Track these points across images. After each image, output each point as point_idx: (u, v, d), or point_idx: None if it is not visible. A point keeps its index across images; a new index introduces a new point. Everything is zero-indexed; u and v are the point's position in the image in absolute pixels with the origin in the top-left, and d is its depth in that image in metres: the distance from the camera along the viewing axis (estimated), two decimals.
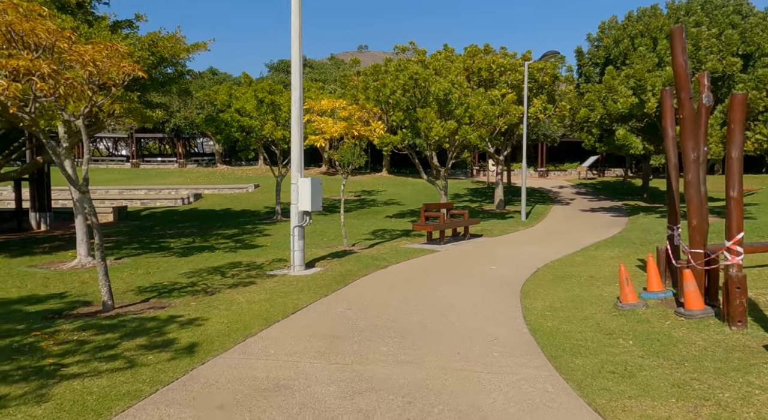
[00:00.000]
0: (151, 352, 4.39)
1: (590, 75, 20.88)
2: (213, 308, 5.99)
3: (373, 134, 11.10)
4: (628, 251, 10.38)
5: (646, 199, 24.78)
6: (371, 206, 22.22)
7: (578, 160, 44.23)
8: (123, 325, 5.22)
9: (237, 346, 4.62)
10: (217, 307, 6.05)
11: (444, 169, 15.35)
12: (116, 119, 7.72)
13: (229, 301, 6.36)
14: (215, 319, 5.50)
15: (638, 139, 14.63)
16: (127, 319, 5.46)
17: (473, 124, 14.27)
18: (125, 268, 8.97)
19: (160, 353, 4.36)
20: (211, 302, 6.31)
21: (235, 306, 6.14)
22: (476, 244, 12.33)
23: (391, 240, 12.95)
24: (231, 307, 6.09)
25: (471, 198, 25.26)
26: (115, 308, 5.98)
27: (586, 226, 15.58)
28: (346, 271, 8.66)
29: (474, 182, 33.74)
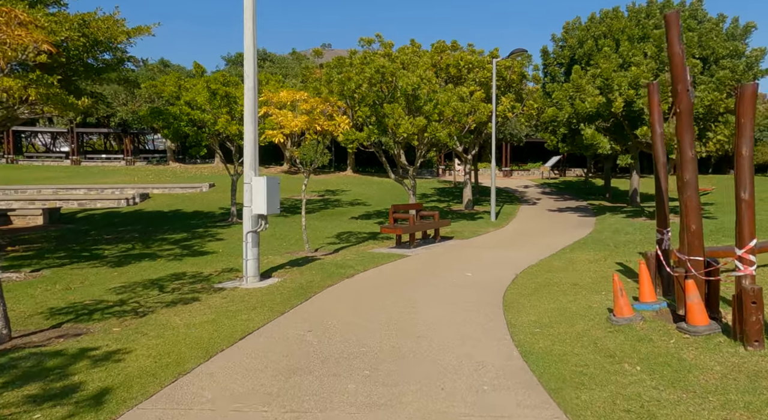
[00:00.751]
0: (40, 408, 3.33)
1: (555, 75, 20.63)
2: (141, 335, 4.98)
3: (337, 129, 10.22)
4: (604, 254, 9.90)
5: (608, 198, 24.88)
6: (335, 207, 21.30)
7: (541, 160, 44.64)
8: (13, 365, 4.13)
9: (164, 390, 3.66)
10: (146, 334, 5.05)
11: (412, 167, 14.62)
12: (30, 107, 6.57)
13: (162, 325, 5.36)
14: (141, 350, 4.50)
15: (606, 139, 14.34)
16: (22, 356, 4.35)
17: (443, 121, 13.59)
18: (40, 283, 7.70)
19: (54, 408, 3.31)
20: (140, 327, 5.29)
21: (169, 331, 5.15)
22: (448, 247, 11.64)
23: (358, 244, 12.11)
24: (164, 332, 5.10)
25: (438, 198, 24.70)
26: (11, 339, 4.83)
27: (556, 227, 15.20)
28: (308, 281, 7.76)
29: (440, 182, 33.30)
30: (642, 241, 11.67)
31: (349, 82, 13.37)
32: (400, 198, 23.62)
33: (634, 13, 17.40)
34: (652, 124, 6.04)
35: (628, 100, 13.48)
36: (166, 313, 5.92)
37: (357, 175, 33.79)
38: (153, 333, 5.11)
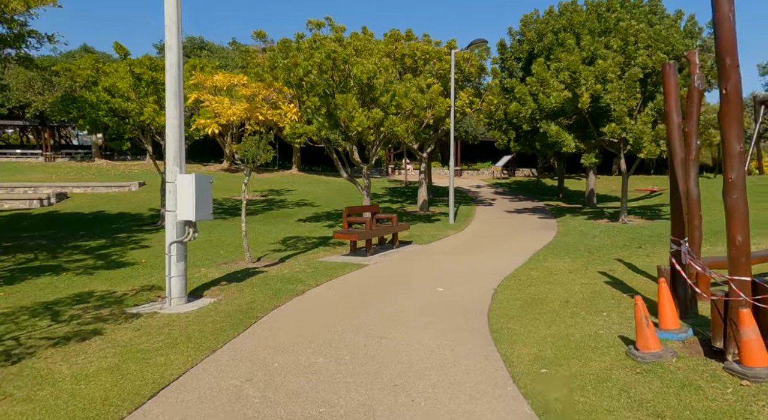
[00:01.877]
0: None
1: (513, 70, 20.11)
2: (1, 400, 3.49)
3: (283, 119, 8.84)
4: (582, 262, 9.12)
5: (562, 199, 24.78)
6: (280, 208, 19.74)
7: (490, 160, 44.74)
8: None
9: None
10: (10, 395, 3.55)
11: (367, 166, 13.43)
12: None
13: (40, 378, 3.87)
14: None
15: (570, 137, 13.76)
16: None
17: (400, 114, 12.49)
18: None
19: None
20: (4, 382, 3.77)
21: (47, 389, 3.68)
22: (408, 254, 10.53)
23: (307, 251, 10.76)
24: (38, 392, 3.63)
25: (390, 198, 23.64)
26: None
27: (518, 230, 14.48)
28: (248, 302, 6.38)
29: (391, 181, 32.32)
30: (613, 245, 11.05)
31: (296, 69, 12.00)
32: (350, 198, 22.37)
33: (594, 6, 17.03)
34: (669, 113, 5.17)
35: (595, 95, 12.92)
36: (52, 356, 4.40)
37: (303, 174, 32.20)
38: (21, 394, 3.61)
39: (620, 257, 9.45)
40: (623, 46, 13.78)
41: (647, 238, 11.79)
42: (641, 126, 12.25)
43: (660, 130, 12.34)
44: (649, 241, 11.29)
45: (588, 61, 14.46)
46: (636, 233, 12.51)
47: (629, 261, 9.00)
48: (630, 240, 11.62)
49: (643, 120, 12.40)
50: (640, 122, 12.35)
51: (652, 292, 6.63)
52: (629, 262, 8.85)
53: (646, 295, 6.49)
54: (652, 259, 9.19)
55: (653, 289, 6.73)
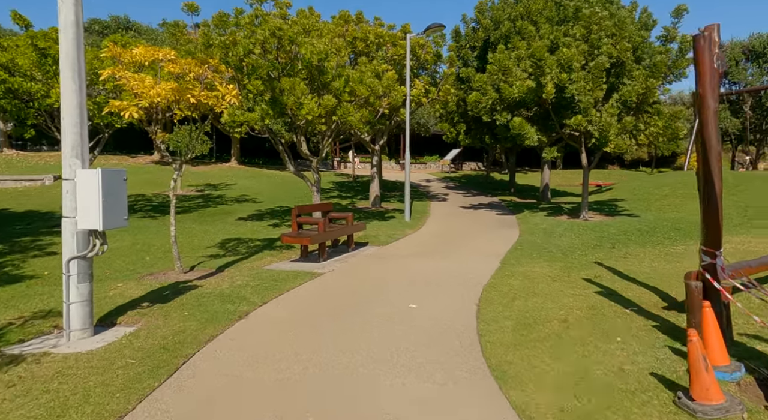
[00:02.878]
0: None
1: (468, 59, 19.37)
2: None
3: (221, 104, 7.41)
4: (560, 266, 8.36)
5: (514, 193, 24.50)
6: (218, 204, 18.01)
7: (437, 154, 44.40)
8: None
9: None
10: None
11: (317, 158, 12.12)
12: None
13: None
14: None
15: (533, 129, 13.10)
16: None
17: (355, 102, 11.28)
18: None
19: None
20: None
21: None
22: (367, 258, 9.40)
23: (250, 257, 9.39)
24: None
25: (339, 193, 22.37)
26: None
27: (479, 227, 13.71)
28: (175, 332, 5.03)
29: (337, 175, 31.00)
30: (583, 246, 10.44)
31: (236, 48, 10.49)
32: (296, 194, 20.92)
33: None
34: (704, 97, 4.34)
35: (560, 85, 12.29)
36: None
37: (243, 167, 30.22)
38: None
39: (598, 260, 8.78)
40: (586, 35, 13.25)
41: (616, 236, 11.30)
42: (608, 118, 11.73)
43: (627, 123, 11.89)
44: (619, 241, 10.77)
45: (550, 50, 13.86)
46: (602, 231, 12.03)
47: (609, 264, 8.33)
48: (599, 239, 11.07)
49: (609, 112, 11.89)
50: (606, 114, 11.84)
51: (652, 303, 5.90)
52: (610, 266, 8.17)
53: (645, 306, 5.73)
54: (630, 261, 8.57)
55: (652, 301, 6.00)
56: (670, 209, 15.80)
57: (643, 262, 8.42)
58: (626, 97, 12.05)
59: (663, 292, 6.39)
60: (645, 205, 16.92)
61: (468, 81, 18.72)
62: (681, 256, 8.88)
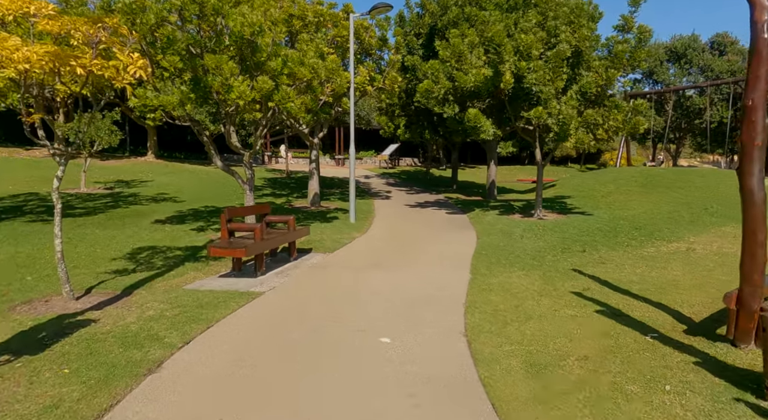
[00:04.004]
0: None
1: (413, 46, 18.27)
2: None
3: (122, 77, 5.65)
4: (538, 276, 7.38)
5: (457, 190, 23.83)
6: (131, 204, 15.69)
7: (373, 149, 43.31)
8: None
9: None
10: None
11: (249, 152, 10.45)
12: None
13: None
14: None
15: (489, 122, 12.18)
16: None
17: (295, 86, 9.74)
18: None
19: None
20: None
21: None
22: (314, 271, 7.96)
23: (167, 271, 7.65)
24: None
25: (273, 191, 20.54)
26: None
27: (431, 229, 12.62)
28: (46, 407, 3.38)
29: (269, 171, 28.96)
30: (550, 249, 9.61)
31: (145, 15, 8.62)
32: (223, 191, 18.89)
33: None
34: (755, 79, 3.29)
35: (518, 74, 11.42)
36: None
37: (162, 162, 27.44)
38: None
39: (575, 267, 7.90)
40: (542, 22, 12.50)
41: (579, 238, 10.60)
42: (569, 110, 11.01)
43: (588, 116, 11.25)
44: (585, 243, 10.05)
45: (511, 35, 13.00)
46: (563, 232, 11.31)
47: (590, 272, 7.46)
48: (564, 241, 10.31)
49: (570, 104, 11.18)
50: (567, 106, 11.12)
51: (668, 326, 4.97)
52: (592, 275, 7.29)
53: (664, 331, 4.77)
54: (610, 268, 7.76)
55: (667, 323, 5.07)
56: (618, 206, 15.57)
57: (624, 269, 7.63)
58: (586, 89, 11.41)
59: (670, 308, 5.51)
60: (593, 203, 16.66)
61: (413, 70, 17.64)
62: (658, 259, 8.20)
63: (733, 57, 34.06)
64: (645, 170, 22.08)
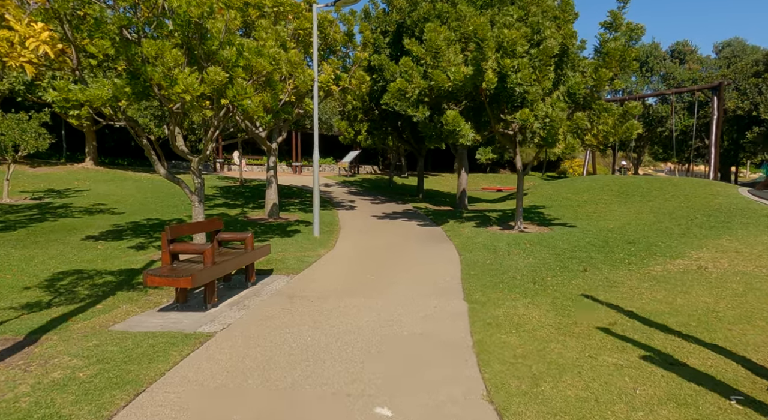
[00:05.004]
0: None
1: (380, 45, 17.19)
2: None
3: (18, 53, 4.20)
4: (547, 305, 6.33)
5: (423, 199, 22.86)
6: (61, 217, 13.77)
7: (331, 156, 42.04)
8: None
9: None
10: None
11: (198, 158, 9.00)
12: None
13: None
14: None
15: (468, 125, 11.19)
16: None
17: (253, 81, 8.38)
18: None
19: None
20: None
21: None
22: (277, 300, 6.61)
23: (93, 306, 6.14)
24: None
25: (225, 201, 18.88)
26: None
27: (407, 244, 11.47)
28: None
29: (221, 178, 27.13)
30: (545, 268, 8.64)
31: None
32: (170, 201, 17.14)
33: None
34: None
35: (502, 73, 10.47)
36: None
37: (102, 169, 25.17)
38: None
39: (584, 291, 6.92)
40: (523, 17, 11.66)
41: (572, 253, 9.70)
42: (559, 112, 10.16)
43: (578, 120, 10.42)
44: (582, 260, 9.14)
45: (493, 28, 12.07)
46: (553, 247, 10.41)
47: (606, 299, 6.48)
48: (556, 258, 9.38)
49: (560, 106, 10.33)
50: (557, 109, 10.26)
51: (745, 379, 3.97)
52: (609, 302, 6.31)
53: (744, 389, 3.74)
54: (623, 292, 6.82)
55: (739, 374, 4.07)
56: (599, 217, 14.93)
57: (642, 294, 6.70)
58: (574, 90, 10.60)
59: (731, 352, 4.52)
60: (571, 213, 15.98)
61: (380, 70, 16.55)
62: (672, 280, 7.34)
63: (694, 65, 34.94)
64: (617, 179, 21.79)
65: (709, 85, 26.84)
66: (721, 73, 33.20)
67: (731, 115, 30.77)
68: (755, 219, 12.74)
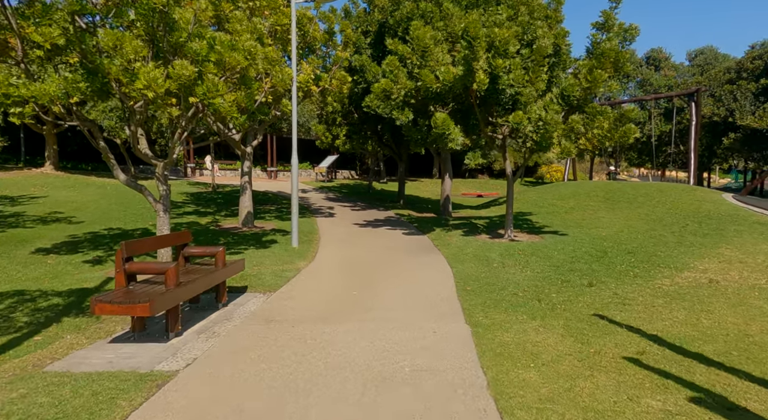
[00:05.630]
0: None
1: (361, 45, 16.45)
2: None
3: None
4: (560, 327, 5.65)
5: (405, 206, 22.16)
6: (11, 227, 12.55)
7: (307, 160, 41.10)
8: None
9: None
10: None
11: (163, 163, 8.07)
12: None
13: None
14: None
15: (458, 129, 10.51)
16: None
17: (227, 77, 7.52)
18: None
19: None
20: None
21: None
22: (252, 326, 5.76)
23: (31, 336, 5.19)
24: None
25: (196, 208, 17.81)
26: None
27: (391, 254, 10.71)
28: None
29: (192, 184, 25.92)
30: (546, 281, 7.99)
31: None
32: (134, 208, 16.00)
33: None
34: None
35: (494, 73, 9.84)
36: None
37: (62, 174, 23.73)
38: None
39: (596, 310, 6.27)
40: (513, 16, 11.08)
41: (570, 265, 9.09)
42: (553, 115, 9.57)
43: (574, 123, 9.85)
44: (583, 272, 8.52)
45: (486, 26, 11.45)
46: (548, 258, 9.79)
47: (622, 320, 5.83)
48: (555, 270, 8.74)
49: (554, 108, 9.74)
50: (551, 111, 9.67)
51: None
52: (627, 324, 5.66)
53: None
54: (637, 311, 6.20)
55: None
56: (589, 225, 14.45)
57: (660, 313, 6.08)
58: (568, 92, 10.04)
59: None
60: (560, 221, 15.47)
61: (362, 71, 15.81)
62: (688, 297, 6.75)
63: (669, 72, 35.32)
64: (603, 185, 21.48)
65: (686, 91, 26.95)
66: (695, 80, 33.59)
67: (707, 121, 31.05)
68: (747, 226, 12.41)
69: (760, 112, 28.49)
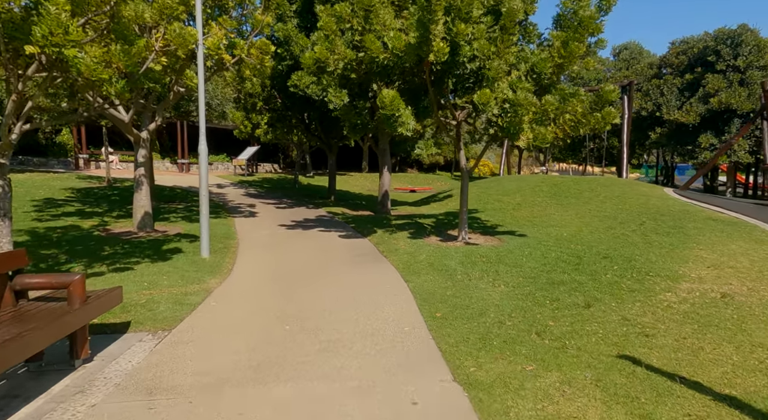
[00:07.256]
0: None
1: (285, 12, 14.22)
2: None
3: None
4: (580, 377, 4.03)
5: (336, 203, 20.19)
6: None
7: (224, 152, 37.95)
8: None
9: None
10: None
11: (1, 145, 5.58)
12: None
13: None
14: None
15: (409, 111, 8.74)
16: None
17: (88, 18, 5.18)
18: None
19: None
20: None
21: None
22: (121, 407, 3.61)
23: None
24: None
25: (81, 207, 14.73)
26: None
27: (329, 265, 8.76)
28: None
29: (81, 178, 22.26)
30: (533, 300, 6.44)
31: None
32: None
33: None
34: None
35: (454, 41, 8.14)
36: None
37: None
38: None
39: (619, 348, 4.72)
40: None
41: (548, 275, 7.61)
42: (527, 95, 8.04)
43: (547, 104, 8.37)
44: (568, 286, 7.06)
45: None
46: (518, 266, 8.28)
47: (660, 363, 4.32)
48: (532, 282, 7.22)
49: (525, 87, 8.22)
50: (522, 90, 8.15)
51: None
52: (670, 371, 4.15)
53: None
54: (669, 345, 4.73)
55: None
56: (543, 223, 13.29)
57: (700, 350, 4.64)
58: (540, 69, 8.57)
59: None
60: (510, 218, 14.23)
61: (287, 43, 13.62)
62: (715, 320, 5.41)
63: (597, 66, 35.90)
64: (545, 179, 20.71)
65: (619, 84, 27.09)
66: (623, 75, 34.33)
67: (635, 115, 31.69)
68: (702, 222, 11.79)
69: (687, 106, 29.38)
